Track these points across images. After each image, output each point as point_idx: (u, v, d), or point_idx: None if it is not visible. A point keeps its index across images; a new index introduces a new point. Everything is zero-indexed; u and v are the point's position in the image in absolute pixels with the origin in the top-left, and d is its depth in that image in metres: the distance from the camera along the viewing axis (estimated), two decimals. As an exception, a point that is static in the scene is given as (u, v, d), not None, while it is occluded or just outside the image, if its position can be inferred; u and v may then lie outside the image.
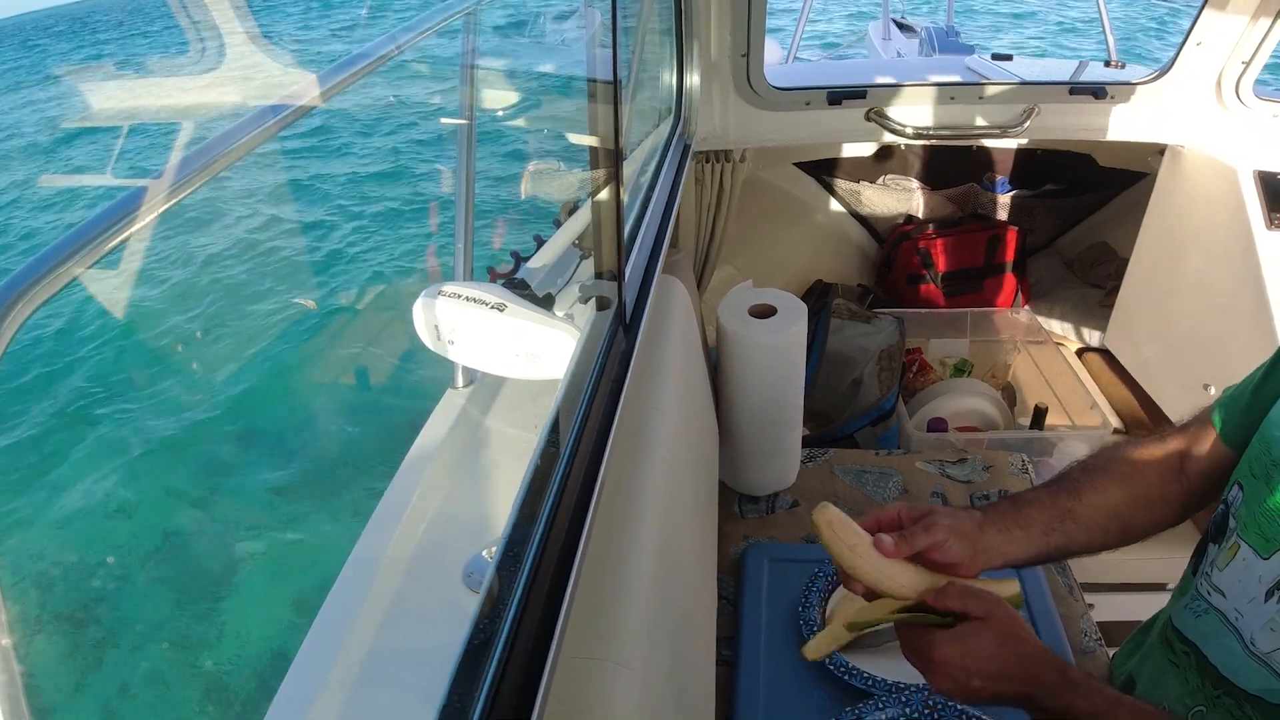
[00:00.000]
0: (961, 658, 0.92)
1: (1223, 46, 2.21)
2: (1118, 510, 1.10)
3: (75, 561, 4.78)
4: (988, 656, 0.91)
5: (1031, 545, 1.07)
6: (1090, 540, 1.09)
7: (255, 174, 8.92)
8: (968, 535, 1.03)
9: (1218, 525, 1.02)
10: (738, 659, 1.51)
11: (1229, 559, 0.96)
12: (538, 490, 0.87)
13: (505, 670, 0.69)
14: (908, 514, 1.04)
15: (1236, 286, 2.20)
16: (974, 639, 0.92)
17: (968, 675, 0.92)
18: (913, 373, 2.84)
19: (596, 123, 1.17)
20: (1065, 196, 3.25)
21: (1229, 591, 0.95)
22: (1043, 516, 1.08)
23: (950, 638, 0.93)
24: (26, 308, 0.54)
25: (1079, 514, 1.08)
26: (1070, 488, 1.10)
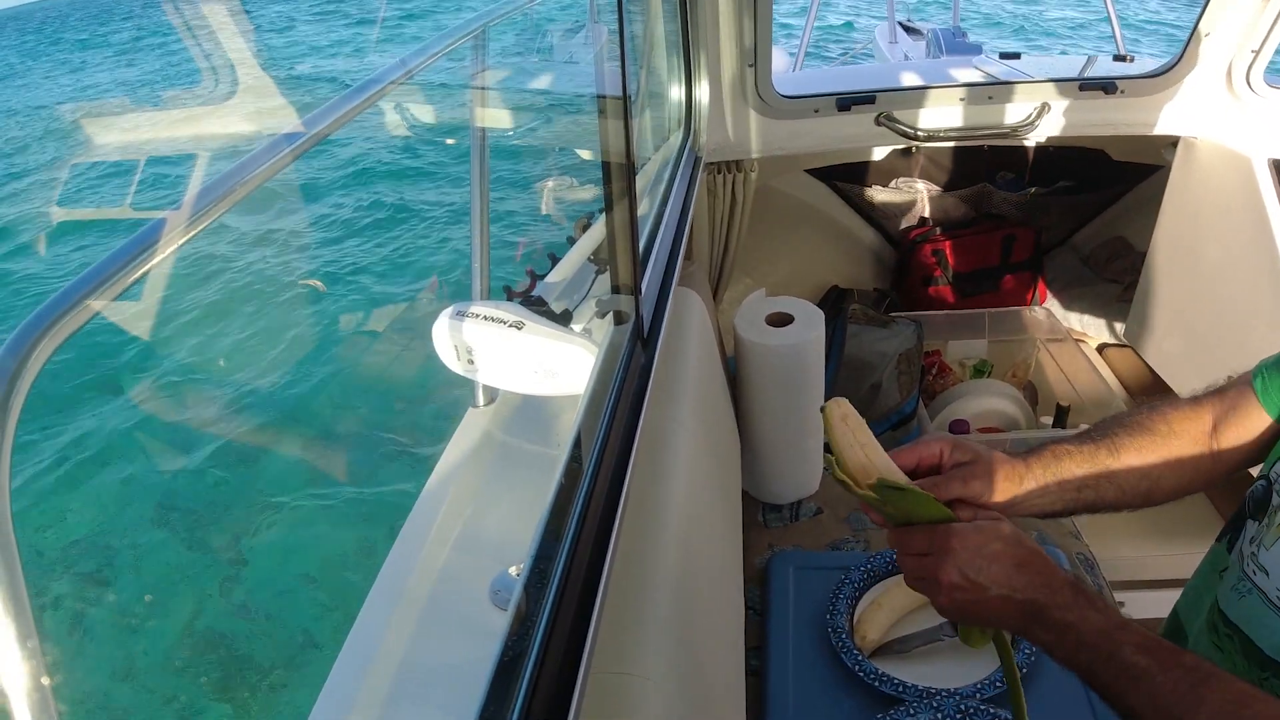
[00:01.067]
0: (979, 547, 0.88)
1: (1231, 36, 2.20)
2: (1149, 471, 1.07)
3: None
4: (1003, 551, 0.88)
5: (1064, 501, 1.05)
6: (1118, 499, 1.07)
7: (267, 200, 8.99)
8: (1006, 490, 1.00)
9: (1258, 501, 1.00)
10: (766, 669, 1.50)
11: (1276, 537, 0.94)
12: (562, 507, 0.88)
13: (537, 687, 0.69)
14: (950, 455, 1.00)
15: (1255, 275, 2.18)
16: (992, 530, 0.89)
17: (979, 569, 0.88)
18: (932, 375, 2.84)
19: (608, 138, 1.18)
20: (1079, 192, 3.24)
21: (1273, 570, 0.94)
22: (1081, 473, 1.05)
23: (970, 527, 0.90)
24: (51, 343, 0.54)
25: (1115, 473, 1.06)
26: (1110, 445, 1.07)
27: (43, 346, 0.53)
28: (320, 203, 9.55)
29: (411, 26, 14.51)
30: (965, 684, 1.41)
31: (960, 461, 1.00)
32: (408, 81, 1.13)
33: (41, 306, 0.55)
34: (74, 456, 5.79)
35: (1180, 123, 2.40)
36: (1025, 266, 3.29)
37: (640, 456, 1.03)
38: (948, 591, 0.90)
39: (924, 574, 0.93)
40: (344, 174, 10.21)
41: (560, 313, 1.35)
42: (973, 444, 1.02)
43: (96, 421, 6.09)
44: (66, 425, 5.99)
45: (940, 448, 1.01)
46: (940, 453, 1.01)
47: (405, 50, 1.14)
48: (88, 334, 0.59)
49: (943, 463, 1.00)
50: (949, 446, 1.01)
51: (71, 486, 5.60)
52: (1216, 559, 1.08)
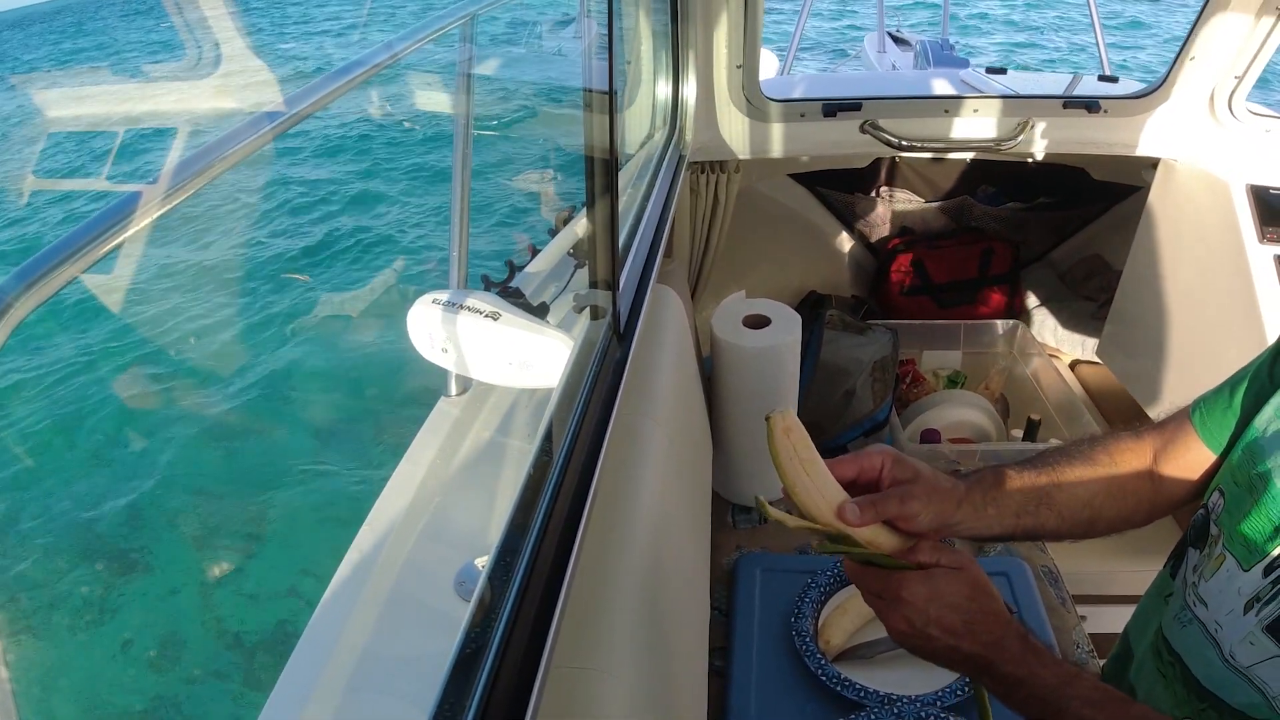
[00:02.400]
0: (927, 601, 0.89)
1: (1216, 61, 2.23)
2: (1090, 500, 1.08)
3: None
4: (954, 605, 0.88)
5: (1002, 525, 1.05)
6: (1058, 527, 1.07)
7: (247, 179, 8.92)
8: (943, 512, 0.99)
9: (1198, 530, 1.01)
10: (730, 669, 1.51)
11: (1214, 569, 0.95)
12: (530, 500, 0.87)
13: (497, 679, 0.69)
14: (890, 470, 0.99)
15: (1228, 300, 2.21)
16: (945, 583, 0.89)
17: (927, 621, 0.88)
18: (906, 384, 2.85)
19: (592, 132, 1.17)
20: (1058, 209, 3.26)
21: (1211, 602, 0.95)
22: (1019, 498, 1.05)
23: (920, 578, 0.90)
24: (22, 309, 0.54)
25: (1055, 500, 1.06)
26: (1050, 472, 1.08)
27: (12, 314, 0.53)
28: (296, 184, 9.48)
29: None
30: (927, 691, 1.42)
31: (899, 479, 0.98)
32: (394, 65, 1.12)
33: (12, 273, 0.55)
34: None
35: (1161, 145, 2.42)
36: (1003, 280, 3.31)
37: (611, 452, 1.03)
38: (896, 636, 0.92)
39: (878, 613, 0.94)
40: (323, 155, 10.14)
41: (537, 305, 1.34)
42: (914, 461, 1.01)
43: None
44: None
45: (881, 460, 0.99)
46: (880, 465, 0.99)
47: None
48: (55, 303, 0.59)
49: (882, 476, 0.99)
50: (890, 460, 0.99)
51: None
52: (1162, 584, 1.09)
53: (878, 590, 0.93)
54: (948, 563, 0.91)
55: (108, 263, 0.64)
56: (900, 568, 0.91)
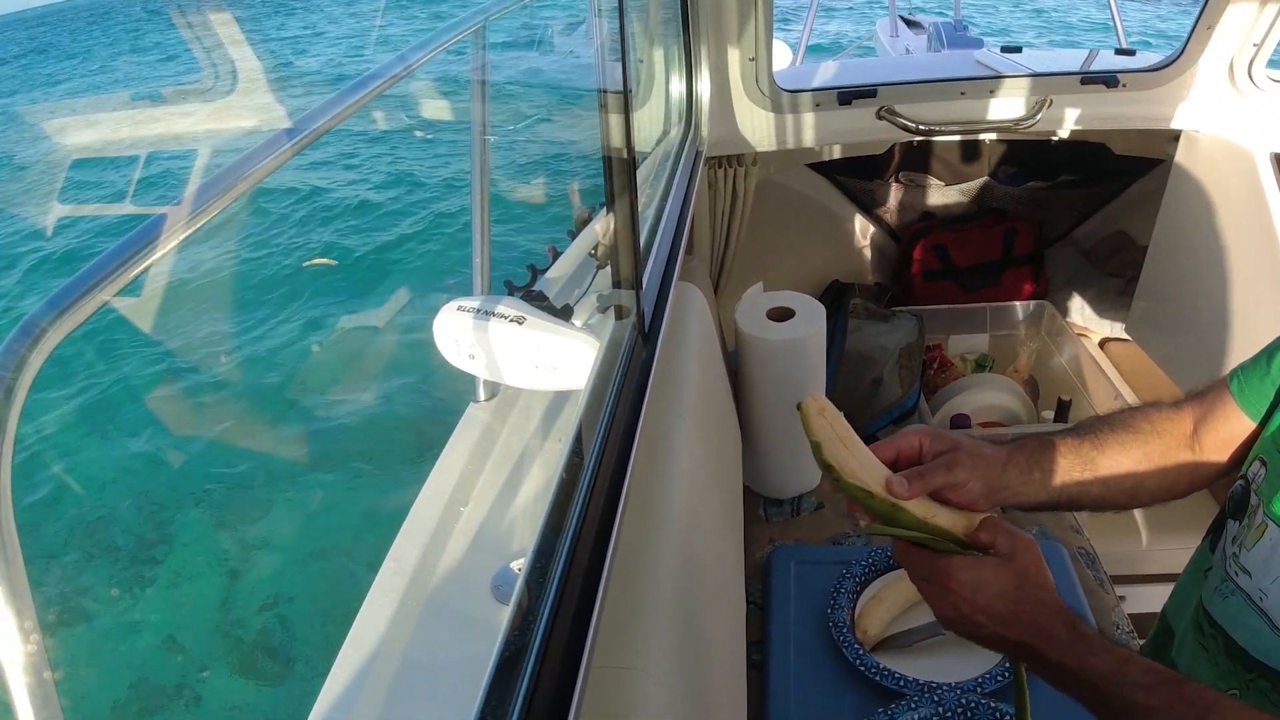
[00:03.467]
0: (974, 590, 0.88)
1: (1233, 30, 2.20)
2: (1132, 470, 1.07)
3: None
4: (1000, 594, 0.87)
5: (1046, 491, 1.05)
6: (1101, 496, 1.07)
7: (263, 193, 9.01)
8: (989, 476, 0.99)
9: (1237, 501, 1.00)
10: (768, 663, 1.51)
11: (1256, 539, 0.94)
12: (564, 502, 0.88)
13: (538, 681, 0.70)
14: (929, 445, 0.99)
15: (1257, 269, 2.18)
16: (992, 572, 0.88)
17: (974, 608, 0.88)
18: (934, 369, 2.83)
19: (609, 132, 1.18)
20: (1080, 187, 3.23)
21: (1254, 571, 0.94)
22: (1065, 464, 1.05)
23: (969, 565, 0.89)
24: (53, 339, 0.54)
25: (1099, 467, 1.06)
26: (1095, 440, 1.07)
27: (45, 341, 0.53)
28: (318, 197, 9.55)
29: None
30: (967, 678, 1.41)
31: (941, 451, 0.98)
32: (408, 76, 1.12)
33: (43, 302, 0.55)
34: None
35: (1182, 116, 2.40)
36: (1027, 261, 3.28)
37: (641, 451, 1.03)
38: (943, 621, 0.91)
39: (924, 596, 0.93)
40: (344, 169, 10.21)
41: (561, 308, 1.35)
42: (951, 433, 1.01)
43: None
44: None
45: (918, 439, 0.99)
46: (919, 444, 0.99)
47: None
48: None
49: (923, 453, 0.99)
50: (927, 437, 0.99)
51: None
52: (1201, 558, 1.08)
53: (926, 575, 0.92)
54: (1002, 547, 0.90)
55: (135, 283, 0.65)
56: (949, 551, 0.91)
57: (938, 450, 0.99)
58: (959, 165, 3.22)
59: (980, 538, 0.91)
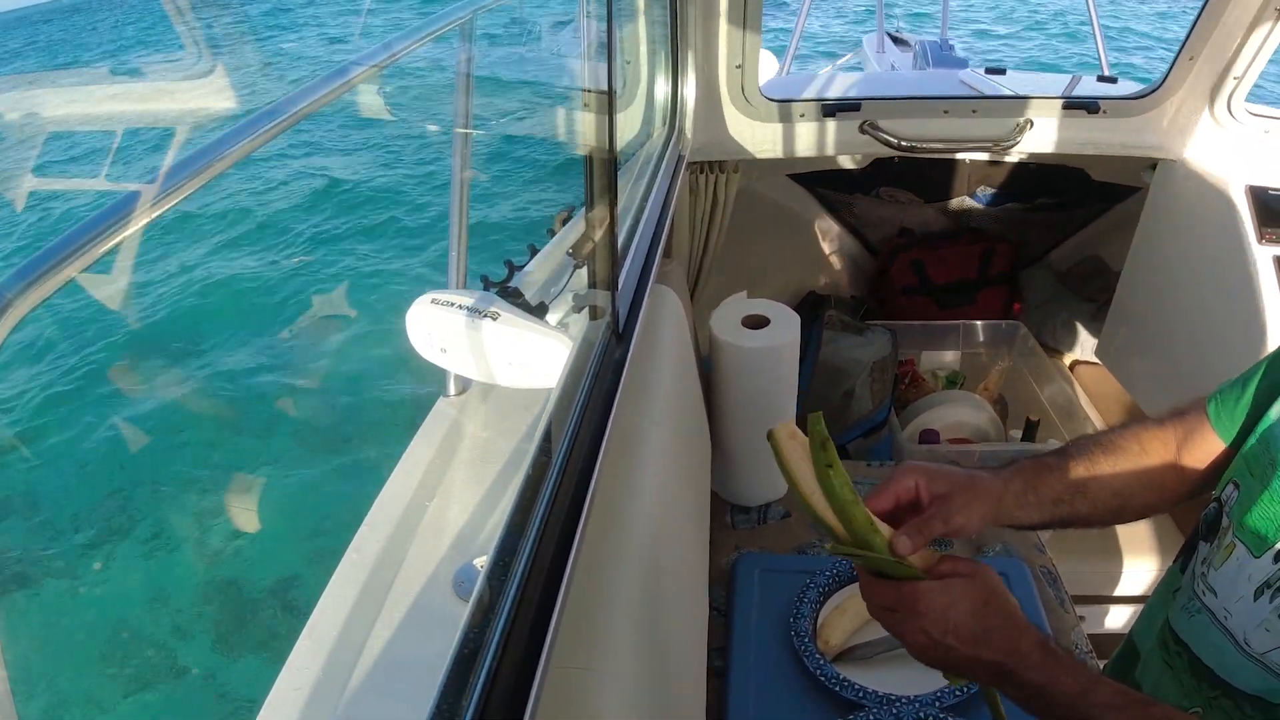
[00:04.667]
0: (944, 610, 0.88)
1: (1215, 61, 2.23)
2: (1121, 489, 1.09)
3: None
4: (971, 613, 0.88)
5: (1040, 514, 1.06)
6: (1090, 514, 1.09)
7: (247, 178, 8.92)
8: (985, 510, 1.00)
9: (1209, 523, 1.02)
10: (729, 669, 1.51)
11: (1224, 558, 0.95)
12: (529, 500, 0.87)
13: (495, 679, 0.69)
14: (926, 490, 0.99)
15: (1228, 300, 2.21)
16: (961, 592, 0.89)
17: (945, 630, 0.88)
18: (905, 384, 2.85)
19: (592, 133, 1.17)
20: (1058, 210, 3.26)
21: (1220, 590, 0.95)
22: (1058, 487, 1.07)
23: (936, 588, 0.89)
24: (18, 311, 0.54)
25: (1089, 489, 1.08)
26: (1087, 461, 1.09)
27: (10, 314, 0.53)
28: (293, 183, 9.48)
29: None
30: (925, 691, 1.42)
31: (938, 494, 0.99)
32: (392, 65, 1.12)
33: (11, 273, 0.55)
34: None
35: (1160, 145, 2.42)
36: (1002, 281, 3.31)
37: (610, 452, 1.03)
38: (914, 649, 0.91)
39: (891, 628, 0.93)
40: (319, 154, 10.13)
41: (536, 305, 1.34)
42: (947, 471, 1.01)
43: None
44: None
45: (915, 481, 1.00)
46: (915, 487, 1.00)
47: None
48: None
49: (920, 497, 0.99)
50: (923, 479, 1.00)
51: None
52: (1171, 579, 1.09)
53: (891, 604, 0.92)
54: (964, 570, 0.90)
55: (104, 262, 0.64)
56: (911, 577, 0.90)
57: (935, 493, 0.99)
58: (939, 183, 3.24)
59: (942, 569, 0.91)
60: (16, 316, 0.54)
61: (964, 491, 1.00)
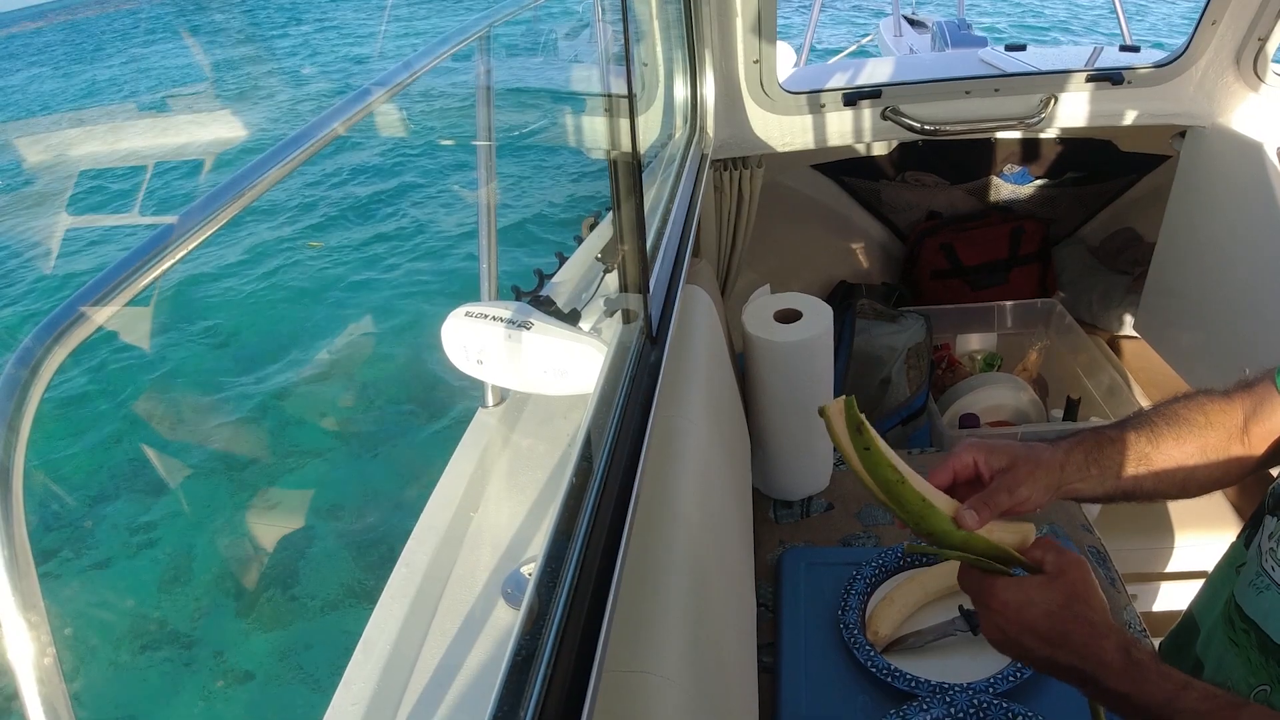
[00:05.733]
0: (1019, 609, 0.86)
1: (1238, 24, 2.19)
2: (1185, 462, 1.07)
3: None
4: (1047, 613, 0.85)
5: (1103, 487, 1.05)
6: (1155, 488, 1.07)
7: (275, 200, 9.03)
8: (1049, 481, 0.99)
9: (1277, 498, 1.00)
10: (779, 665, 1.51)
11: None
12: (574, 506, 0.88)
13: (550, 685, 0.70)
14: (986, 465, 0.98)
15: (1266, 264, 2.17)
16: (1038, 592, 0.87)
17: (1021, 629, 0.86)
18: (942, 369, 2.83)
19: (614, 136, 1.18)
20: (1087, 184, 3.23)
21: None
22: (1120, 460, 1.05)
23: (1012, 584, 0.88)
24: (62, 351, 0.54)
25: (1153, 461, 1.06)
26: (1150, 433, 1.07)
27: (54, 355, 0.53)
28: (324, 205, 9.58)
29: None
30: (978, 678, 1.41)
31: (999, 468, 0.98)
32: (414, 83, 1.13)
33: (51, 315, 0.55)
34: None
35: (1188, 112, 2.39)
36: (1034, 259, 3.28)
37: (650, 454, 1.03)
38: (994, 644, 0.90)
39: (979, 618, 0.92)
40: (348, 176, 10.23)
41: (569, 312, 1.35)
42: (1006, 444, 1.00)
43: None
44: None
45: (972, 457, 0.99)
46: (974, 463, 0.99)
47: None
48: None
49: (979, 471, 0.99)
50: (982, 453, 0.99)
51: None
52: (1235, 555, 1.07)
53: (973, 594, 0.92)
54: (1048, 565, 0.89)
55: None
56: (995, 570, 0.90)
57: (996, 467, 0.99)
58: (965, 164, 3.22)
59: (1033, 554, 0.90)
60: (58, 359, 0.53)
61: (1026, 463, 0.98)
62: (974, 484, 1.00)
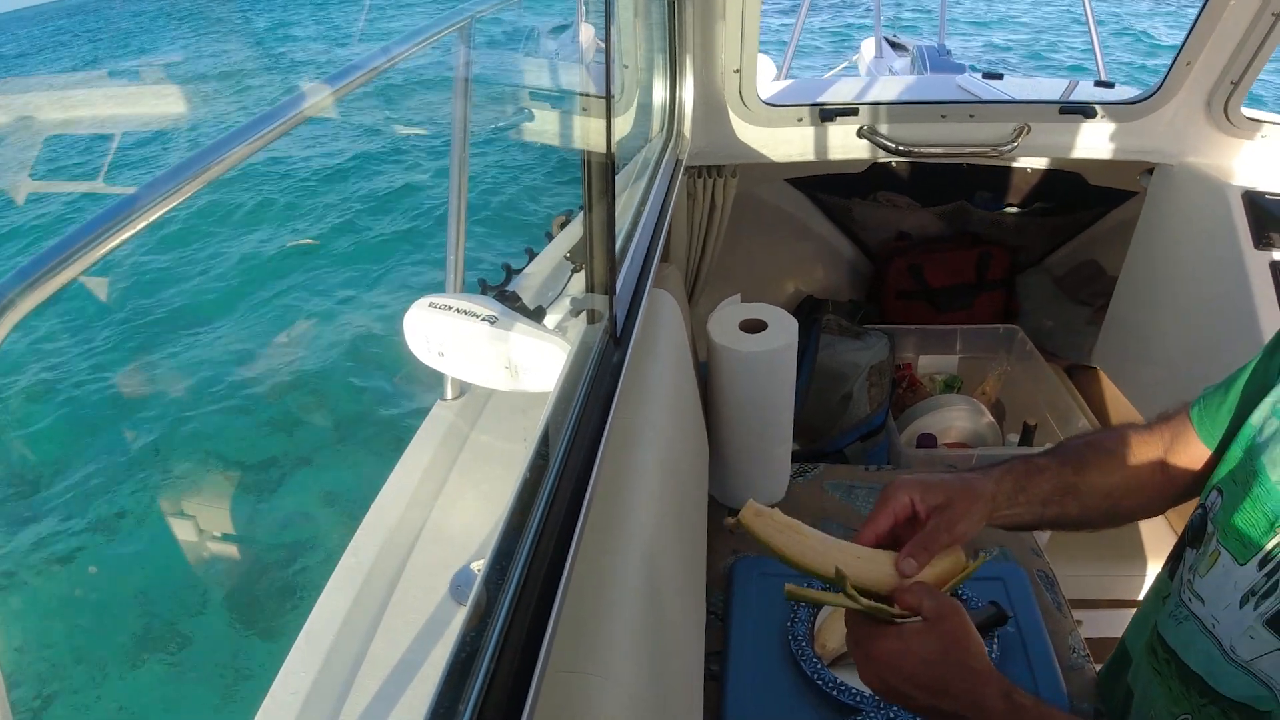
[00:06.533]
0: (899, 658, 0.86)
1: (1212, 67, 2.23)
2: (1110, 492, 1.10)
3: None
4: (925, 661, 0.85)
5: (1030, 514, 1.07)
6: (1080, 516, 1.09)
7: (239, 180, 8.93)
8: (984, 515, 1.00)
9: (1195, 530, 1.02)
10: (726, 673, 1.50)
11: (1210, 565, 0.96)
12: (526, 504, 0.87)
13: (492, 683, 0.69)
14: (920, 500, 0.99)
15: (1224, 305, 2.21)
16: (916, 640, 0.87)
17: (901, 678, 0.86)
18: (903, 388, 2.85)
19: (589, 136, 1.17)
20: (1055, 215, 3.27)
21: (1207, 598, 0.95)
22: (1048, 488, 1.07)
23: (891, 633, 0.88)
24: (17, 313, 0.54)
25: (1080, 491, 1.08)
26: (1076, 463, 1.09)
27: (9, 316, 0.53)
28: (292, 188, 9.48)
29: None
30: (922, 697, 1.42)
31: (935, 505, 0.99)
32: (391, 69, 1.12)
33: (8, 276, 0.55)
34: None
35: (1158, 149, 2.43)
36: (999, 285, 3.32)
37: (607, 456, 1.03)
38: (876, 693, 0.90)
39: (857, 664, 0.92)
40: (320, 159, 10.14)
41: (534, 309, 1.34)
42: (939, 480, 1.01)
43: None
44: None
45: (909, 496, 0.99)
46: (910, 502, 0.99)
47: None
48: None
49: (916, 511, 0.99)
50: (916, 491, 1.00)
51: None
52: (1161, 586, 1.10)
53: (854, 641, 0.92)
54: (926, 612, 0.88)
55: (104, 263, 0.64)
56: (880, 619, 0.90)
57: (932, 504, 0.99)
58: (937, 187, 3.24)
59: (909, 601, 0.89)
60: (17, 316, 0.54)
61: (962, 498, 0.99)
62: (911, 522, 1.00)
